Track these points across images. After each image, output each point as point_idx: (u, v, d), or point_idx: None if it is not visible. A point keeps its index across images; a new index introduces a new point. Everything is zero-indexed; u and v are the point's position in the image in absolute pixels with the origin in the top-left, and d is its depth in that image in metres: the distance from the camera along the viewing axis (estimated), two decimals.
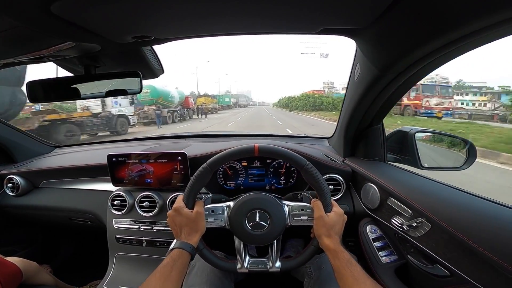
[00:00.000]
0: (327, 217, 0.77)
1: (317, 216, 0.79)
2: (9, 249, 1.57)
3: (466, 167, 1.04)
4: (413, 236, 0.84)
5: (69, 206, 1.39)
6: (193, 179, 0.83)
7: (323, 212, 0.78)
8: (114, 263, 1.26)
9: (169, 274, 0.67)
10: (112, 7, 0.56)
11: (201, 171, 0.83)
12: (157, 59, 1.03)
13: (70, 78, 0.97)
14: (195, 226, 0.79)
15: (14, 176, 1.43)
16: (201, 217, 0.81)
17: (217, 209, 0.87)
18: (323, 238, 0.75)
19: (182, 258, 0.72)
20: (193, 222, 0.79)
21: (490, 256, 0.59)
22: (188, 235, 0.77)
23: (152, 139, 1.94)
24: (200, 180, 0.83)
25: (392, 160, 1.17)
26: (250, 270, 0.86)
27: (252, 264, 0.87)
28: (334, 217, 0.78)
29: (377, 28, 0.67)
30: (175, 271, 0.68)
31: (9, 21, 0.55)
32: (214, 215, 0.86)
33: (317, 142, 1.59)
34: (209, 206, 0.87)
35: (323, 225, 0.76)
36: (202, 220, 0.81)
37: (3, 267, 0.93)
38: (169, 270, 0.68)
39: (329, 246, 0.73)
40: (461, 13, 0.49)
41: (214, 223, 0.86)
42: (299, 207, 0.87)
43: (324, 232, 0.76)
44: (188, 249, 0.74)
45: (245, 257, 0.87)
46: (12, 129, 1.59)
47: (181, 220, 0.79)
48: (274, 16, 0.66)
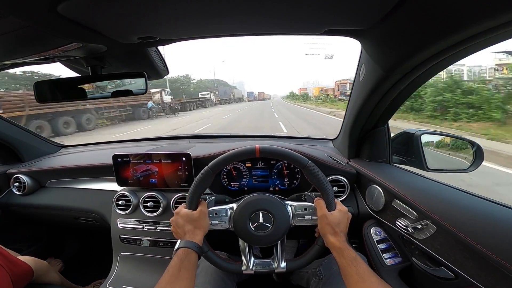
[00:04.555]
0: (330, 215, 0.77)
1: (320, 214, 0.79)
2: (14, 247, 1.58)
3: (473, 169, 1.03)
4: (418, 239, 0.83)
5: (75, 206, 1.40)
6: (195, 183, 0.83)
7: (326, 211, 0.78)
8: (117, 262, 1.27)
9: (178, 274, 0.67)
10: (117, 8, 0.57)
11: (203, 174, 0.83)
12: (162, 60, 1.04)
13: (77, 78, 0.98)
14: (198, 224, 0.79)
15: (21, 175, 1.45)
16: (204, 215, 0.81)
17: (220, 211, 0.87)
18: (328, 236, 0.75)
19: (189, 257, 0.72)
20: (195, 220, 0.79)
21: (496, 259, 0.58)
22: (192, 233, 0.77)
23: (157, 139, 1.96)
24: (203, 183, 0.83)
25: (398, 162, 1.16)
26: (255, 271, 0.86)
27: (257, 265, 0.86)
28: (338, 215, 0.77)
29: (382, 29, 0.66)
30: (184, 270, 0.68)
31: (17, 22, 0.56)
32: (217, 217, 0.86)
33: (321, 144, 1.58)
34: (213, 208, 0.87)
35: (327, 223, 0.76)
36: (205, 218, 0.81)
37: (15, 266, 0.94)
38: (178, 270, 0.67)
39: (334, 244, 0.73)
40: (469, 13, 0.48)
41: (218, 225, 0.86)
42: (302, 207, 0.86)
43: (329, 230, 0.75)
44: (193, 247, 0.74)
45: (250, 258, 0.87)
46: (20, 128, 1.61)
47: (184, 220, 0.79)
48: (279, 17, 0.66)
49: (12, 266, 0.92)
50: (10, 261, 0.93)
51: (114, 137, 8.11)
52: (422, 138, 1.09)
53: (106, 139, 2.10)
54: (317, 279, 0.95)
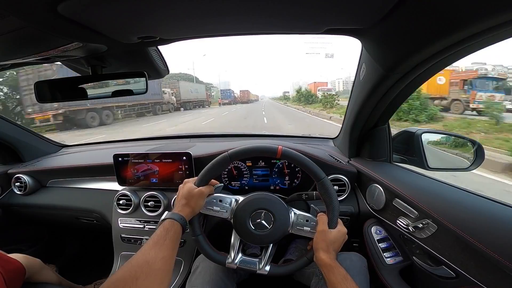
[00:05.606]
0: (329, 232, 0.79)
1: (320, 229, 0.80)
2: (15, 247, 1.58)
3: (473, 168, 1.03)
4: (418, 238, 0.83)
5: (76, 205, 1.40)
6: (211, 164, 0.83)
7: (326, 227, 0.80)
8: (119, 262, 1.27)
9: (162, 243, 0.67)
10: (118, 8, 0.57)
11: (221, 158, 0.83)
12: (162, 59, 1.04)
13: (77, 78, 0.98)
14: (191, 201, 0.80)
15: (22, 175, 1.45)
16: (201, 196, 0.81)
17: (225, 199, 0.88)
18: (320, 252, 0.76)
19: (175, 228, 0.72)
20: (192, 197, 0.80)
21: (497, 258, 0.58)
22: (182, 207, 0.78)
23: (157, 139, 1.96)
24: (218, 166, 0.83)
25: (398, 161, 1.16)
26: (238, 266, 0.86)
27: (242, 262, 0.87)
28: (336, 235, 0.80)
29: (383, 28, 0.66)
30: (169, 240, 0.68)
31: (17, 22, 0.56)
32: (220, 204, 0.87)
33: (322, 143, 1.58)
34: (219, 195, 0.88)
35: (323, 239, 0.78)
36: (200, 199, 0.81)
37: (7, 264, 0.93)
38: (163, 239, 0.68)
39: (325, 261, 0.74)
40: (468, 13, 0.48)
41: (218, 213, 0.86)
42: (305, 218, 0.87)
43: (323, 246, 0.77)
44: (179, 220, 0.74)
45: (237, 253, 0.87)
46: (21, 128, 1.61)
47: (182, 193, 0.81)
48: (279, 16, 0.66)
49: (4, 264, 0.92)
50: (2, 259, 0.93)
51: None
52: (422, 136, 1.09)
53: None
54: (317, 279, 0.95)
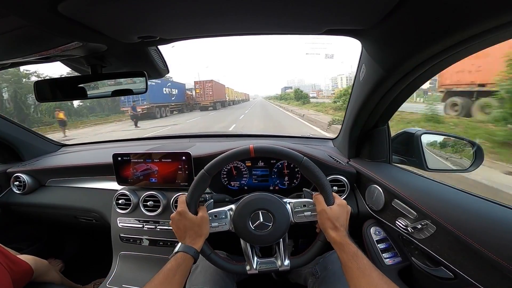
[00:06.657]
0: (330, 209, 0.77)
1: (319, 210, 0.78)
2: (14, 246, 1.58)
3: (473, 169, 1.03)
4: (417, 238, 0.83)
5: (75, 205, 1.40)
6: (192, 186, 0.83)
7: (325, 205, 0.78)
8: (117, 261, 1.27)
9: (172, 278, 0.68)
10: (118, 7, 0.57)
11: (199, 177, 0.83)
12: (162, 59, 1.04)
13: (77, 77, 0.98)
14: (199, 231, 0.79)
15: (21, 174, 1.45)
16: (205, 222, 0.81)
17: (220, 213, 0.87)
18: (329, 231, 0.75)
19: (186, 262, 0.73)
20: (198, 226, 0.79)
21: (495, 259, 0.58)
22: (193, 239, 0.78)
23: (157, 138, 1.96)
24: (200, 186, 0.83)
25: (398, 162, 1.16)
26: (260, 270, 0.86)
27: (261, 264, 0.86)
28: (337, 209, 0.77)
29: (383, 28, 0.66)
30: (179, 275, 0.69)
31: (17, 21, 0.56)
32: (217, 219, 0.86)
33: (321, 143, 1.58)
34: (212, 211, 0.87)
35: (327, 218, 0.76)
36: (206, 225, 0.81)
37: (15, 265, 0.94)
38: (173, 274, 0.69)
39: (335, 239, 0.73)
40: (469, 13, 0.48)
41: (218, 227, 0.86)
42: (301, 203, 0.86)
43: (329, 225, 0.75)
44: (192, 253, 0.75)
45: (253, 258, 0.87)
46: (20, 127, 1.61)
47: (186, 224, 0.79)
48: (280, 16, 0.66)
49: (12, 265, 0.92)
50: (10, 260, 0.93)
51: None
52: (422, 138, 1.09)
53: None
54: (313, 279, 0.95)
